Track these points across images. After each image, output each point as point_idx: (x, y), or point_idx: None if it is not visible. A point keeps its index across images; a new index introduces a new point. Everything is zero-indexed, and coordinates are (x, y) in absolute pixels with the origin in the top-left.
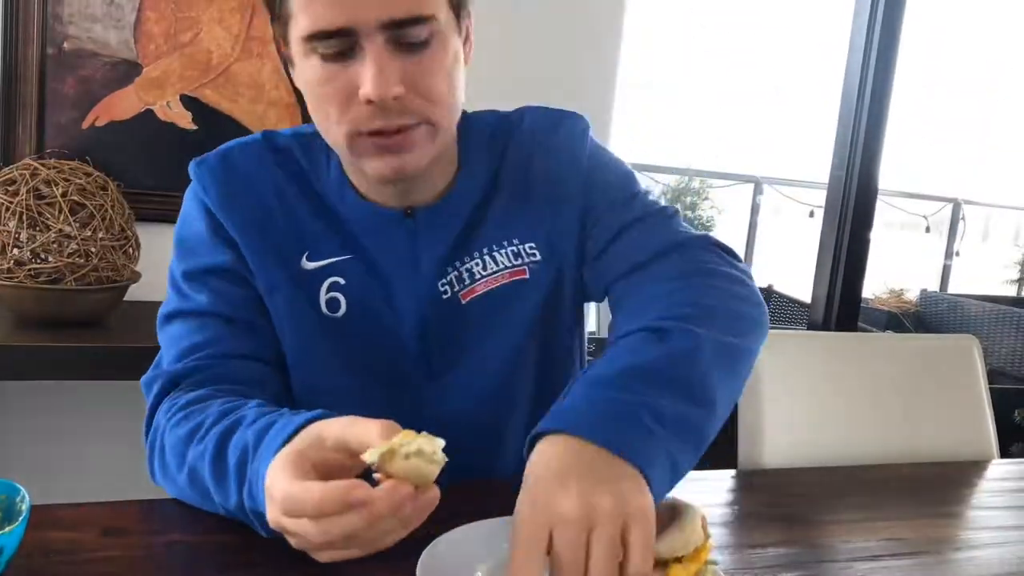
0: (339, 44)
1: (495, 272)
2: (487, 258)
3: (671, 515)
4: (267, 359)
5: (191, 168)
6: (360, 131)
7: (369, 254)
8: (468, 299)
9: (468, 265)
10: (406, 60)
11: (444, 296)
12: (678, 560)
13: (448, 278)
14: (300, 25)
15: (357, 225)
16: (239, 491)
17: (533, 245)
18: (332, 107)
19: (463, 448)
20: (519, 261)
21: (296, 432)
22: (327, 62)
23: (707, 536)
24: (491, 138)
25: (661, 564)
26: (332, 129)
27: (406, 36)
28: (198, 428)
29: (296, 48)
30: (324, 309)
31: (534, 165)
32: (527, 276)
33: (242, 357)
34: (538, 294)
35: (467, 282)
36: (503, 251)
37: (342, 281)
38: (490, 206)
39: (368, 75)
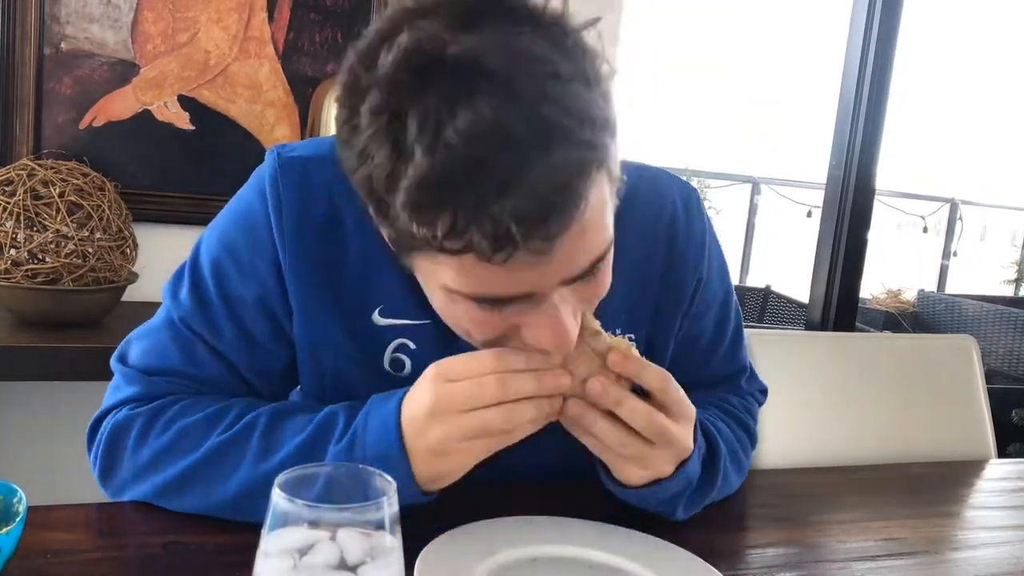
0: (505, 302)
1: None
2: None
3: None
4: None
5: (271, 168)
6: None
7: None
8: None
9: None
10: (578, 293)
11: None
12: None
13: None
14: (452, 279)
15: None
16: (330, 449)
17: (633, 337)
18: (478, 335)
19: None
20: None
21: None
22: (479, 306)
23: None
24: None
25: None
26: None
27: (587, 273)
28: (223, 412)
29: (431, 280)
30: (387, 367)
31: (657, 252)
32: None
33: None
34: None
35: None
36: None
37: (412, 346)
38: None
39: (545, 325)
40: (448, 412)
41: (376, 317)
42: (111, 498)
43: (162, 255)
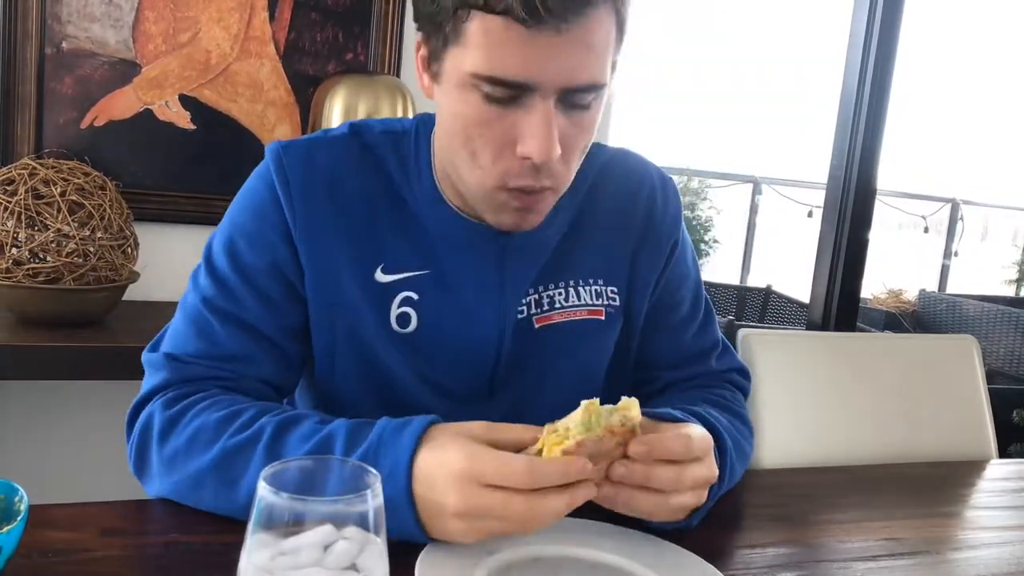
0: (510, 92)
1: (575, 306)
2: (571, 290)
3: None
4: (277, 385)
5: (274, 151)
6: (507, 185)
7: (446, 268)
8: (541, 325)
9: (551, 292)
10: (566, 121)
11: (520, 316)
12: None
13: (528, 300)
14: (474, 61)
15: (443, 237)
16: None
17: (615, 290)
18: (484, 153)
19: None
20: (599, 301)
21: (426, 428)
22: (489, 103)
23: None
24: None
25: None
26: (476, 172)
27: (576, 99)
28: (234, 416)
29: (456, 76)
30: (394, 325)
31: (636, 215)
32: (603, 318)
33: (261, 381)
34: (608, 337)
35: (545, 308)
36: (588, 287)
37: (415, 296)
38: (581, 237)
39: (535, 134)
40: (470, 516)
41: (379, 275)
42: (147, 493)
43: (163, 254)
